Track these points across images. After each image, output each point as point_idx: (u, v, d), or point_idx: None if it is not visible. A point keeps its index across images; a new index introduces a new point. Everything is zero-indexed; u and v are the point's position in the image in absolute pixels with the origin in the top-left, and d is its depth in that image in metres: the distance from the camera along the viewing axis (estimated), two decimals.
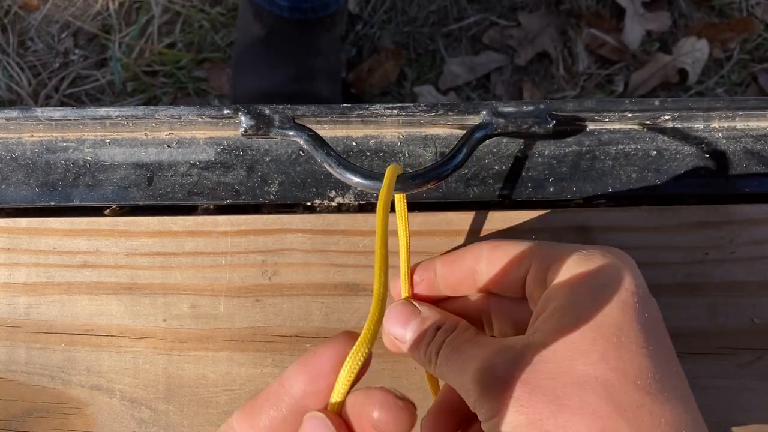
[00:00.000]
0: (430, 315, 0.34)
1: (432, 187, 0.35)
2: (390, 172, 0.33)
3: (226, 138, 0.40)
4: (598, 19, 1.15)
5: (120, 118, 0.38)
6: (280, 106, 0.37)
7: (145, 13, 1.15)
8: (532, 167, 0.40)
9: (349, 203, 0.40)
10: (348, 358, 0.26)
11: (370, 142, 0.40)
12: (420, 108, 0.37)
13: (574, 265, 0.30)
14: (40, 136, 0.40)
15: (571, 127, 0.40)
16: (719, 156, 0.40)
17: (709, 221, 0.38)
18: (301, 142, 0.36)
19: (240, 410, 0.28)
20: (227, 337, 0.39)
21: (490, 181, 0.40)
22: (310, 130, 0.36)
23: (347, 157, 0.40)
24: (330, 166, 0.35)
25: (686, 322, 0.38)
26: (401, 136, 0.40)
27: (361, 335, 0.26)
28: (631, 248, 0.38)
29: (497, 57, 1.15)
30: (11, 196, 0.40)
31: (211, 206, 0.40)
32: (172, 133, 0.40)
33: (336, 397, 0.26)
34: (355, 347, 0.26)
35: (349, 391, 0.26)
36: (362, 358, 0.26)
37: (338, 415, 0.26)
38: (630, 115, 0.38)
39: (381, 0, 1.17)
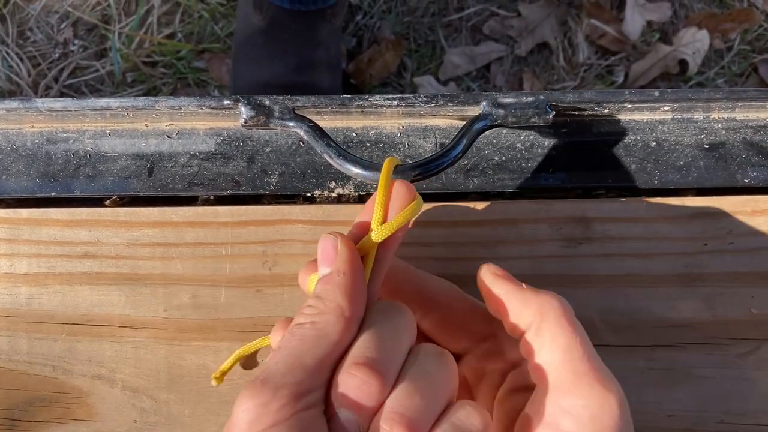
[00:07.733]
0: None
1: (431, 178, 0.35)
2: (387, 165, 0.33)
3: (227, 129, 0.40)
4: (599, 9, 1.15)
5: (120, 109, 0.38)
6: (280, 97, 0.37)
7: (144, 3, 1.15)
8: (531, 158, 0.40)
9: (349, 194, 0.40)
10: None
11: (370, 133, 0.40)
12: (420, 99, 0.37)
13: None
14: (40, 127, 0.40)
15: (570, 118, 0.40)
16: (718, 147, 0.40)
17: (707, 212, 0.39)
18: (301, 133, 0.36)
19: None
20: (228, 328, 0.39)
21: (490, 171, 0.40)
22: (310, 121, 0.36)
23: (347, 148, 0.40)
24: (330, 157, 0.35)
25: (685, 313, 0.38)
26: (401, 127, 0.40)
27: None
28: (630, 239, 0.39)
29: (497, 47, 1.15)
30: (12, 187, 0.40)
31: (212, 197, 0.41)
32: (173, 124, 0.40)
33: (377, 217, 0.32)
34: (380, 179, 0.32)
35: (384, 211, 0.32)
36: (388, 186, 0.32)
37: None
38: (630, 105, 0.38)
39: None
